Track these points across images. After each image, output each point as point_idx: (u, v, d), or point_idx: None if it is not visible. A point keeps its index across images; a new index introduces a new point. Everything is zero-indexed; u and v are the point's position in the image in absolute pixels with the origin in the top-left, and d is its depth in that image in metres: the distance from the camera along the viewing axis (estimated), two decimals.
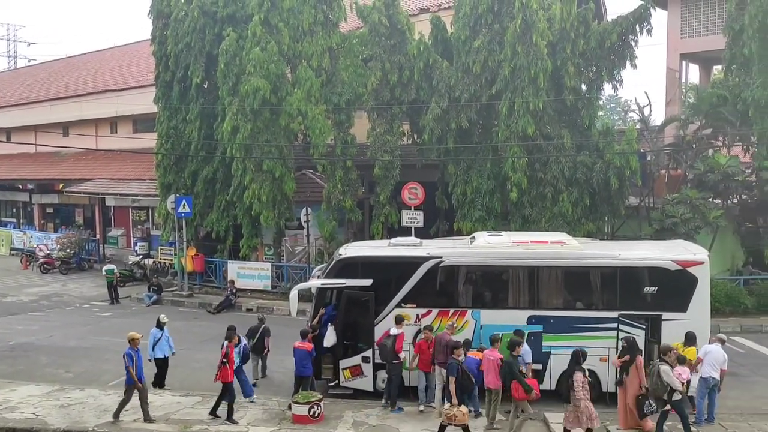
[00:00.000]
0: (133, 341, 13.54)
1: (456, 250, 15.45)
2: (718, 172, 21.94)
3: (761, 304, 21.81)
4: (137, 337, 13.73)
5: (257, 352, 16.31)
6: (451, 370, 12.80)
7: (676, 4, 30.31)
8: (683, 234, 20.52)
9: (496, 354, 13.08)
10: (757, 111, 21.95)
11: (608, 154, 21.65)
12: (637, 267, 14.64)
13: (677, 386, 11.89)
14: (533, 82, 21.51)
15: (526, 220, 22.03)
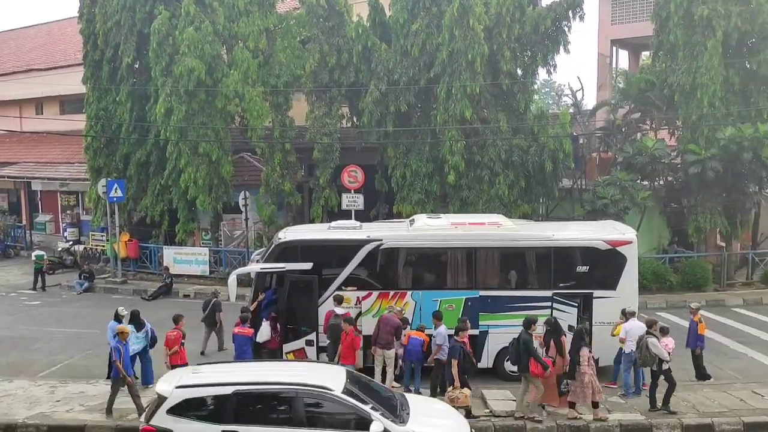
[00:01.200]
0: (122, 334, 13.08)
1: (396, 233, 15.57)
2: (646, 155, 22.77)
3: (685, 281, 22.91)
4: (126, 330, 13.30)
5: (209, 326, 16.66)
6: (454, 353, 12.65)
7: None
8: (613, 214, 21.26)
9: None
10: (682, 96, 22.90)
11: (543, 137, 22.20)
12: (570, 247, 15.12)
13: (665, 357, 12.63)
14: (470, 66, 21.76)
15: (464, 203, 22.39)
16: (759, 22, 22.46)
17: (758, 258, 24.47)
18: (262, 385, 10.00)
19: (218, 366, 12.02)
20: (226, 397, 9.85)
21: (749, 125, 21.83)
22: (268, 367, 11.88)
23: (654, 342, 12.78)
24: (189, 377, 10.55)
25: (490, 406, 13.08)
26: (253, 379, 10.20)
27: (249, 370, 11.21)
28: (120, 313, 14.81)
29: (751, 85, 22.99)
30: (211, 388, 10.15)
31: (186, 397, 9.95)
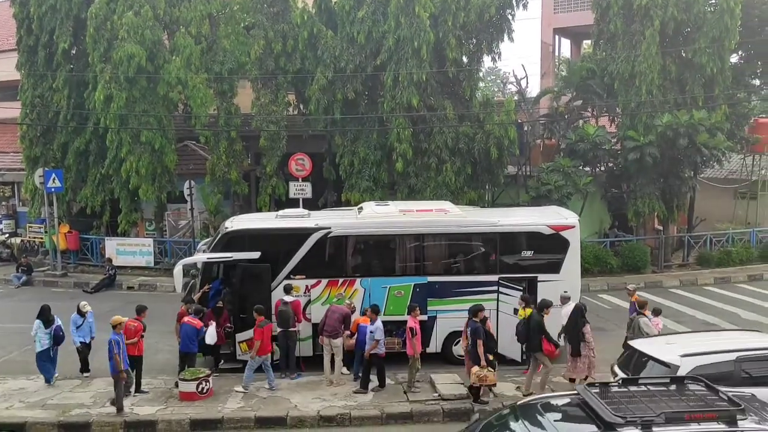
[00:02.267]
0: (119, 326, 12.72)
1: (344, 221, 15.58)
2: (588, 142, 23.36)
3: (625, 264, 23.71)
4: (123, 321, 12.92)
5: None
6: (478, 333, 12.77)
7: None
8: (556, 200, 21.76)
9: (411, 323, 13.38)
10: (622, 84, 23.56)
11: (488, 124, 22.51)
12: (515, 232, 15.44)
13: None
14: (417, 54, 21.84)
15: (411, 190, 22.54)
16: (694, 12, 23.26)
17: (693, 240, 25.52)
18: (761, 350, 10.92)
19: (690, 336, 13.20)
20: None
21: (685, 112, 22.62)
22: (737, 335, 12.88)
23: (646, 322, 13.41)
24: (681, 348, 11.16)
25: (438, 389, 13.28)
26: (751, 345, 11.14)
27: (734, 339, 12.20)
28: (82, 308, 14.40)
29: (687, 74, 23.80)
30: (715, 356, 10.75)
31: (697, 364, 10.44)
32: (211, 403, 12.93)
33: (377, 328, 13.32)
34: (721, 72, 23.62)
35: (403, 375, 13.88)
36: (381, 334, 13.31)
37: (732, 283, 22.76)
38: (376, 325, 13.36)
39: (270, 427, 12.27)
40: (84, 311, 14.42)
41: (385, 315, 14.56)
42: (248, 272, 14.60)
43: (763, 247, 25.41)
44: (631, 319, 13.70)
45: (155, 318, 17.14)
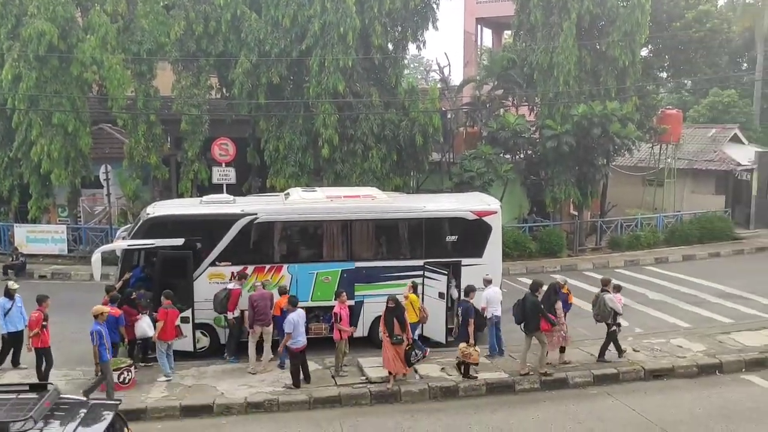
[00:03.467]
0: (101, 315, 12.20)
1: (271, 207, 15.45)
2: (508, 130, 24.04)
3: (543, 248, 24.63)
4: (106, 311, 12.43)
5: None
6: (470, 312, 13.38)
7: None
8: (479, 186, 22.32)
9: (338, 308, 13.44)
10: (540, 74, 24.35)
11: (413, 112, 22.76)
12: (440, 218, 15.78)
13: (619, 310, 13.96)
14: (343, 40, 21.78)
15: (338, 176, 22.55)
16: (608, 6, 24.26)
17: (606, 225, 26.80)
18: None
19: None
20: None
21: (599, 103, 23.63)
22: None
23: (610, 297, 13.98)
24: None
25: (366, 373, 13.46)
26: None
27: None
28: (11, 288, 13.73)
29: (601, 66, 24.85)
30: None
31: None
32: (134, 393, 12.62)
33: (288, 321, 12.81)
34: (632, 64, 24.80)
35: (330, 359, 13.98)
36: (290, 326, 12.77)
37: (640, 266, 24.05)
38: (290, 317, 12.83)
39: (196, 416, 12.10)
40: (12, 290, 13.66)
41: (312, 300, 14.67)
42: (170, 259, 14.26)
43: (668, 232, 26.98)
44: (597, 296, 14.22)
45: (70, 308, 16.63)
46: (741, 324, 16.85)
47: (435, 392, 12.93)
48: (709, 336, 15.63)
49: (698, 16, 30.26)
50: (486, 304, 14.38)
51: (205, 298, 14.35)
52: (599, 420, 11.88)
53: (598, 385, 13.36)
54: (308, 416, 12.17)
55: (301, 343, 12.95)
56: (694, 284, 21.20)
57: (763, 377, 13.60)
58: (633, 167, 30.33)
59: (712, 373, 13.86)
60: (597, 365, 13.91)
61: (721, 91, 35.09)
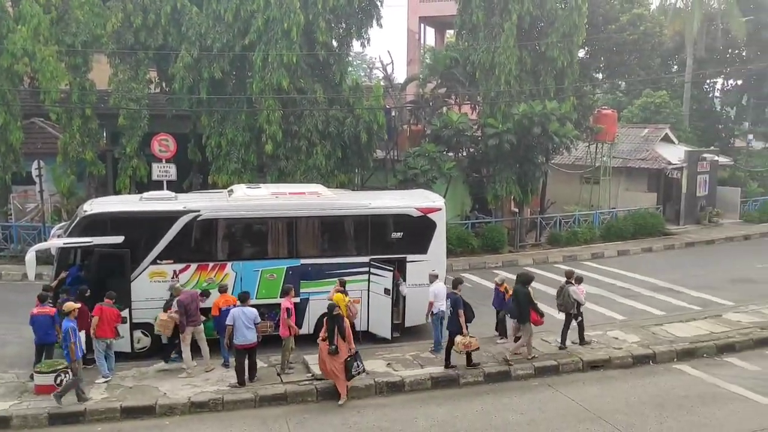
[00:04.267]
0: (72, 312, 11.81)
1: (214, 204, 15.22)
2: (451, 128, 24.37)
3: (485, 244, 25.09)
4: (76, 307, 12.04)
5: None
6: (459, 304, 13.58)
7: None
8: (423, 184, 22.57)
9: (287, 303, 13.38)
10: (482, 73, 24.77)
11: (358, 109, 22.79)
12: (386, 214, 15.87)
13: (582, 301, 14.74)
14: (287, 35, 21.61)
15: (282, 173, 22.38)
16: (547, 8, 24.87)
17: (545, 222, 27.51)
18: None
19: None
20: None
21: (539, 102, 24.20)
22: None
23: (574, 289, 14.64)
24: None
25: (312, 370, 13.43)
26: None
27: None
28: None
29: (540, 66, 25.46)
30: None
31: None
32: (72, 395, 12.22)
33: (230, 314, 12.75)
34: (570, 65, 25.52)
35: (276, 357, 13.89)
36: (231, 319, 12.68)
37: (578, 261, 24.77)
38: (232, 312, 12.77)
39: (138, 417, 11.83)
40: None
41: (257, 298, 14.49)
42: (107, 258, 13.87)
43: (604, 228, 27.89)
44: (561, 287, 14.83)
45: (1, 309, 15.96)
46: (672, 316, 17.60)
47: (381, 387, 13.02)
48: (643, 328, 16.27)
49: (632, 20, 31.33)
50: (433, 298, 14.55)
51: (146, 297, 14.03)
52: (540, 411, 12.21)
53: (539, 376, 13.72)
54: (254, 414, 12.07)
55: (248, 340, 12.79)
56: (629, 278, 22.00)
57: (693, 366, 14.24)
58: (571, 165, 31.20)
59: (646, 363, 14.43)
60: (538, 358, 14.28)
61: (653, 92, 36.47)
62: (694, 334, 15.72)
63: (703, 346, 15.00)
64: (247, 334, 12.75)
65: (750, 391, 12.79)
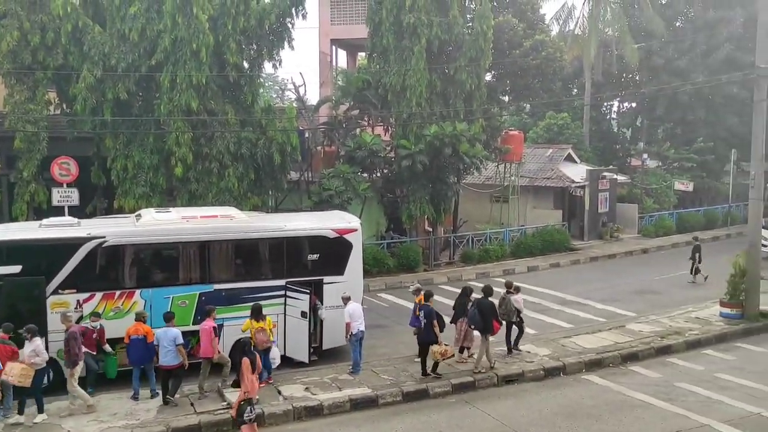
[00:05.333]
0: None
1: (121, 229, 14.65)
2: (365, 149, 24.58)
3: (401, 264, 25.36)
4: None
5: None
6: (433, 315, 14.14)
7: None
8: (338, 205, 22.57)
9: (211, 323, 13.29)
10: (394, 96, 25.20)
11: (270, 130, 22.57)
12: (301, 237, 15.75)
13: (522, 309, 16.01)
14: (196, 56, 21.19)
15: (193, 196, 21.80)
16: (455, 33, 25.65)
17: (458, 240, 28.12)
18: None
19: None
20: None
21: (449, 124, 24.83)
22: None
23: (515, 298, 15.76)
24: None
25: (227, 398, 13.06)
26: None
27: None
28: None
29: (450, 89, 26.16)
30: None
31: None
32: None
33: (166, 336, 12.86)
34: (478, 88, 26.37)
35: (189, 387, 13.46)
36: (171, 342, 12.81)
37: (490, 277, 25.42)
38: (167, 333, 12.88)
39: None
40: None
41: None
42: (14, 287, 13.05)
43: (514, 245, 28.80)
44: (503, 297, 15.66)
45: None
46: (580, 328, 18.35)
47: (299, 412, 12.83)
48: (553, 341, 16.85)
49: (535, 45, 32.82)
50: (350, 319, 14.51)
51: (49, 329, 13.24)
52: (458, 427, 12.37)
53: (456, 393, 13.92)
54: None
55: (166, 362, 12.73)
56: (538, 293, 22.76)
57: (601, 376, 14.87)
58: (481, 185, 32.09)
59: (557, 375, 14.94)
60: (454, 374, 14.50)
61: (555, 114, 38.20)
62: (601, 345, 16.43)
63: (609, 356, 15.70)
64: (166, 355, 12.78)
65: (653, 398, 13.47)
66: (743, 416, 12.49)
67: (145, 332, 13.10)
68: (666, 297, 22.11)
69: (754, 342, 17.26)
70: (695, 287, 23.22)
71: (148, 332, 13.13)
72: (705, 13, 39.05)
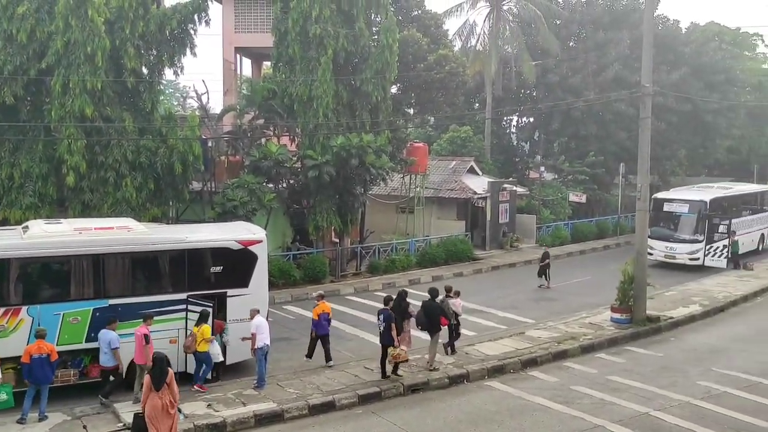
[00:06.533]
0: None
1: (5, 242, 13.71)
2: (271, 159, 24.26)
3: (307, 275, 25.15)
4: None
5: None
6: (391, 319, 14.67)
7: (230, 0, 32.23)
8: (243, 216, 22.12)
9: (143, 330, 13.32)
10: (300, 106, 25.05)
11: (172, 139, 21.86)
12: (204, 248, 15.32)
13: (460, 312, 17.21)
14: (90, 60, 20.27)
15: (86, 206, 20.76)
16: (361, 45, 25.85)
17: (365, 251, 28.24)
18: None
19: None
20: None
21: (356, 135, 24.95)
22: None
23: (453, 302, 16.78)
24: None
25: (123, 419, 12.48)
26: None
27: None
28: None
29: (356, 100, 26.32)
30: None
31: None
32: None
33: (114, 338, 13.31)
34: (384, 100, 26.67)
35: (80, 408, 12.75)
36: (118, 342, 13.30)
37: (397, 287, 25.39)
38: (114, 335, 13.35)
39: None
40: None
41: (58, 345, 13.27)
42: None
43: (420, 255, 29.25)
44: (442, 300, 16.25)
45: None
46: (483, 335, 18.84)
47: (201, 430, 12.41)
48: (457, 349, 17.18)
49: (438, 60, 33.59)
50: (255, 330, 14.25)
51: None
52: None
53: (363, 404, 13.91)
54: None
55: (104, 362, 13.45)
56: None
57: (502, 382, 15.32)
58: (387, 196, 32.39)
59: (461, 382, 15.26)
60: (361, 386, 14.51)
61: (459, 127, 39.22)
62: (502, 352, 16.94)
63: (510, 363, 16.21)
64: (103, 356, 13.33)
65: (550, 401, 14.01)
66: (633, 416, 13.21)
67: (49, 350, 12.46)
68: (562, 304, 23.10)
69: (642, 345, 18.34)
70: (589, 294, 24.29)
71: (52, 350, 12.53)
72: (596, 34, 41.36)
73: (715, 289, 24.57)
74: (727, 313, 22.05)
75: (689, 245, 28.96)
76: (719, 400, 14.00)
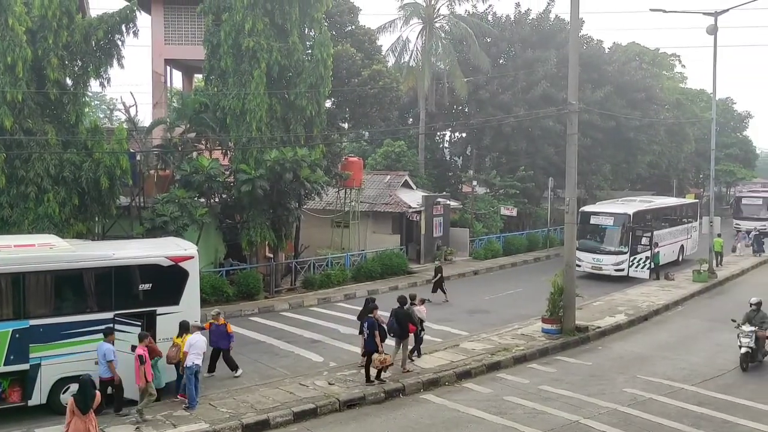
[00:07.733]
0: None
1: None
2: (202, 174, 23.77)
3: (240, 292, 24.72)
4: None
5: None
6: (375, 326, 15.53)
7: (160, 11, 31.58)
8: (173, 231, 21.58)
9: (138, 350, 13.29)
10: (233, 119, 24.71)
11: (97, 152, 21.13)
12: (131, 265, 14.81)
13: (425, 318, 18.14)
14: (11, 70, 19.45)
15: (5, 223, 19.78)
16: (294, 59, 25.75)
17: (299, 266, 27.99)
18: None
19: None
20: None
21: (290, 149, 24.76)
22: None
23: (419, 309, 17.76)
24: None
25: None
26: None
27: None
28: None
29: (290, 114, 26.15)
30: None
31: None
32: None
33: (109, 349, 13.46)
34: (318, 114, 26.61)
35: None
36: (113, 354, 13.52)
37: (332, 302, 25.55)
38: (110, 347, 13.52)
39: None
40: None
41: None
42: None
43: (355, 269, 29.23)
44: (407, 307, 16.87)
45: None
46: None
47: None
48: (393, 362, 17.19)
49: (372, 75, 33.88)
50: (187, 349, 13.91)
51: None
52: None
53: (297, 422, 13.73)
54: None
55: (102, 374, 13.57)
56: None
57: (437, 395, 15.43)
58: (322, 210, 32.30)
59: (397, 396, 15.28)
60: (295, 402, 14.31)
61: (393, 142, 39.60)
62: (437, 365, 17.08)
63: (445, 375, 16.36)
64: (100, 367, 13.50)
65: (485, 412, 14.20)
66: (564, 425, 13.53)
67: None
68: (495, 316, 23.52)
69: (571, 354, 18.86)
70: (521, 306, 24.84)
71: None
72: (525, 53, 42.67)
73: (639, 299, 25.57)
74: (650, 321, 22.96)
75: (614, 257, 30.08)
76: (645, 407, 14.52)
